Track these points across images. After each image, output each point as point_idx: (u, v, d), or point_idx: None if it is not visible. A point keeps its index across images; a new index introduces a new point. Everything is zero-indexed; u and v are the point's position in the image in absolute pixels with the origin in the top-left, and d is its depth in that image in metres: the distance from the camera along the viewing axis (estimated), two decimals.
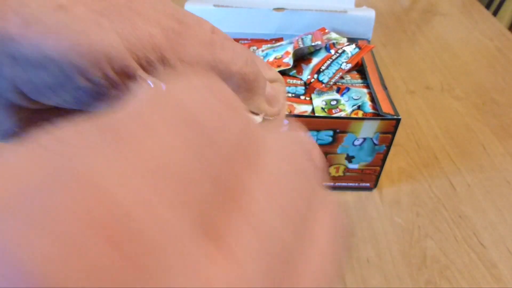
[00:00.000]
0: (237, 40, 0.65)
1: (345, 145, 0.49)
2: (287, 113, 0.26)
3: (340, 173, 0.53)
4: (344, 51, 0.55)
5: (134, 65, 0.18)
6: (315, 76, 0.54)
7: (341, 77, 0.55)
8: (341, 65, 0.54)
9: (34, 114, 0.19)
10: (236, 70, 0.20)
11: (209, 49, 0.19)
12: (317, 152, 0.15)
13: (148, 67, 0.18)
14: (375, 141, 0.49)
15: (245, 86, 0.21)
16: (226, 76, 0.20)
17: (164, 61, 0.18)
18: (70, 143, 0.09)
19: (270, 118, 0.22)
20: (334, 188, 0.54)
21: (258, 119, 0.22)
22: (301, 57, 0.58)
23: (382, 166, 0.52)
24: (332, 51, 0.56)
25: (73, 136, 0.09)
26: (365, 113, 0.50)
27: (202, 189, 0.09)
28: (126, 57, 0.17)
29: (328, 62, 0.55)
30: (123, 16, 0.17)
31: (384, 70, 0.76)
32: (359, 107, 0.51)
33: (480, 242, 0.49)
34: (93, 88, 0.17)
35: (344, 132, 0.48)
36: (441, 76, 0.76)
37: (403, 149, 0.61)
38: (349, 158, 0.51)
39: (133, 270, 0.08)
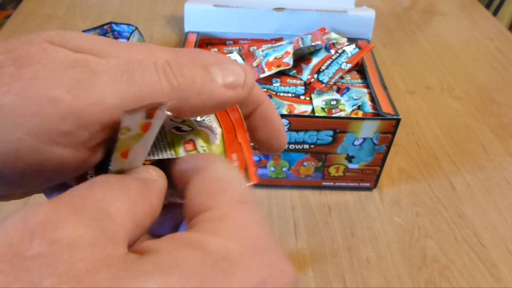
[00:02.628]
0: (237, 40, 0.66)
1: (345, 145, 0.49)
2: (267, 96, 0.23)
3: (340, 173, 0.53)
4: (344, 51, 0.55)
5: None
6: (315, 76, 0.54)
7: (341, 77, 0.55)
8: (341, 65, 0.54)
9: None
10: (169, 87, 0.17)
11: (129, 79, 0.16)
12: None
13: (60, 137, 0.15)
14: (375, 141, 0.49)
15: (196, 92, 0.17)
16: (163, 102, 0.17)
17: (85, 127, 0.16)
18: None
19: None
20: (334, 188, 0.54)
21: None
22: (301, 57, 0.58)
23: (382, 166, 0.52)
24: (332, 51, 0.56)
25: None
26: (365, 113, 0.50)
27: None
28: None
29: (328, 62, 0.55)
30: (21, 81, 0.15)
31: (384, 70, 0.76)
32: (359, 107, 0.51)
33: (480, 242, 0.49)
34: None
35: (344, 132, 0.48)
36: (441, 76, 0.76)
37: (403, 149, 0.61)
38: (349, 158, 0.51)
39: None
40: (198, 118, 0.21)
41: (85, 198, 0.14)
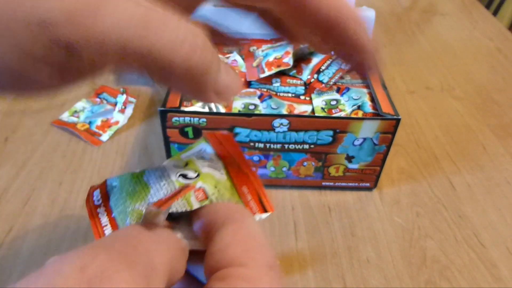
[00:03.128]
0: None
1: (345, 145, 0.49)
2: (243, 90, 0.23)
3: (340, 173, 0.53)
4: None
5: None
6: (315, 76, 0.54)
7: (341, 77, 0.55)
8: (341, 65, 0.54)
9: None
10: (179, 60, 0.14)
11: (135, 30, 0.13)
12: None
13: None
14: (375, 141, 0.49)
15: (190, 82, 0.16)
16: (163, 70, 0.14)
17: (59, 44, 0.13)
18: None
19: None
20: (334, 188, 0.54)
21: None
22: (301, 57, 0.58)
23: (382, 166, 0.52)
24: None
25: None
26: (365, 113, 0.50)
27: None
28: None
29: (328, 62, 0.55)
30: None
31: (384, 70, 0.76)
32: (359, 107, 0.51)
33: (480, 242, 0.49)
34: None
35: (344, 132, 0.48)
36: (441, 76, 0.76)
37: (403, 149, 0.61)
38: (349, 158, 0.51)
39: None
40: (195, 150, 0.22)
41: (137, 248, 0.15)
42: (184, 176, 0.20)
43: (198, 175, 0.21)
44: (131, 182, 0.21)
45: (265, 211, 0.21)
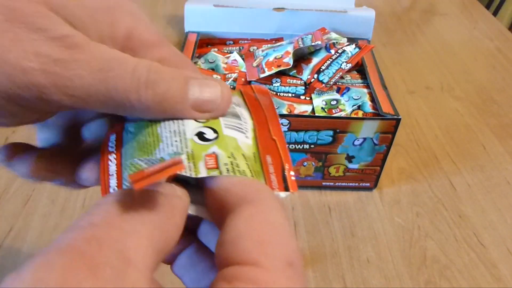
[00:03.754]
0: (237, 40, 0.65)
1: (345, 145, 0.49)
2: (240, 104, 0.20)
3: (340, 173, 0.53)
4: (344, 51, 0.55)
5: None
6: (315, 76, 0.54)
7: (341, 77, 0.55)
8: (341, 65, 0.54)
9: None
10: (136, 99, 0.16)
11: (102, 78, 0.16)
12: None
13: (24, 109, 0.15)
14: (375, 141, 0.49)
15: (161, 110, 0.17)
16: (127, 108, 0.16)
17: (43, 100, 0.15)
18: None
19: (202, 121, 0.18)
20: (334, 188, 0.54)
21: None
22: (301, 57, 0.58)
23: (382, 166, 0.52)
24: (332, 51, 0.56)
25: None
26: (365, 113, 0.50)
27: None
28: None
29: (328, 62, 0.55)
30: None
31: (384, 70, 0.76)
32: (359, 107, 0.51)
33: (480, 242, 0.49)
34: None
35: (344, 132, 0.48)
36: (441, 76, 0.76)
37: (403, 149, 0.61)
38: (349, 158, 0.51)
39: None
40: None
41: (103, 243, 0.13)
42: (201, 135, 0.18)
43: (217, 137, 0.18)
44: (144, 131, 0.18)
45: (287, 189, 0.17)
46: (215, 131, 0.18)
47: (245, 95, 0.19)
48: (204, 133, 0.18)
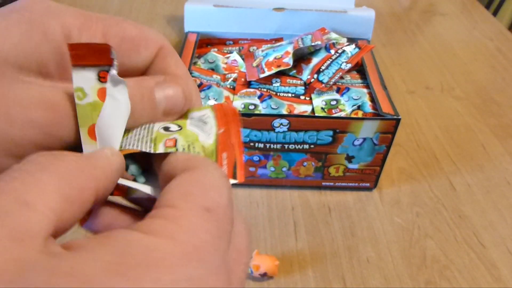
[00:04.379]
0: (237, 40, 0.65)
1: (345, 145, 0.49)
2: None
3: (340, 173, 0.53)
4: (344, 51, 0.55)
5: None
6: (315, 76, 0.54)
7: (341, 77, 0.55)
8: (341, 65, 0.54)
9: None
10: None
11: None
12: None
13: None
14: (375, 141, 0.49)
15: (136, 124, 0.19)
16: None
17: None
18: None
19: (172, 126, 0.19)
20: (334, 188, 0.54)
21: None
22: (301, 57, 0.58)
23: (382, 166, 0.52)
24: (332, 51, 0.56)
25: None
26: (365, 113, 0.50)
27: None
28: None
29: (328, 62, 0.55)
30: None
31: (384, 70, 0.76)
32: (359, 107, 0.51)
33: (480, 242, 0.49)
34: None
35: (344, 132, 0.48)
36: (441, 76, 0.76)
37: (403, 149, 0.61)
38: (349, 158, 0.51)
39: None
40: (196, 114, 0.21)
41: (1, 191, 0.13)
42: (166, 128, 0.19)
43: (180, 129, 0.19)
44: None
45: (234, 178, 0.19)
46: (180, 126, 0.20)
47: (217, 111, 0.22)
48: (169, 127, 0.20)
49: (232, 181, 0.19)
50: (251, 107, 0.51)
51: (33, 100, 0.16)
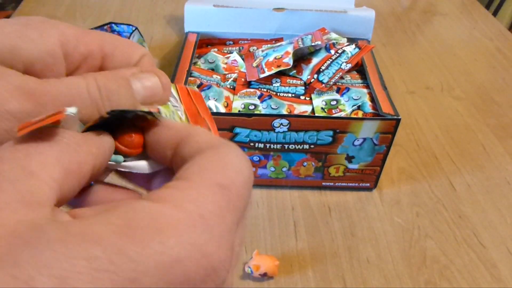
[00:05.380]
0: (237, 40, 0.66)
1: (345, 145, 0.49)
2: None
3: (340, 173, 0.53)
4: (344, 51, 0.55)
5: None
6: (315, 76, 0.54)
7: (341, 77, 0.55)
8: (341, 65, 0.54)
9: None
10: (98, 115, 0.18)
11: None
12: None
13: None
14: (375, 141, 0.49)
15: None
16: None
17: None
18: None
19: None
20: (334, 188, 0.54)
21: None
22: (301, 57, 0.58)
23: (382, 166, 0.52)
24: (332, 51, 0.56)
25: None
26: (365, 113, 0.50)
27: None
28: None
29: (328, 62, 0.55)
30: None
31: (384, 70, 0.76)
32: (359, 107, 0.51)
33: (480, 242, 0.49)
34: None
35: (344, 132, 0.48)
36: (441, 76, 0.76)
37: (403, 149, 0.61)
38: (349, 158, 0.51)
39: None
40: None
41: (6, 160, 0.14)
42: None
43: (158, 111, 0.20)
44: None
45: None
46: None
47: (180, 90, 0.23)
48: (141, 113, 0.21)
49: None
50: (251, 107, 0.51)
51: (9, 88, 0.17)
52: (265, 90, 0.54)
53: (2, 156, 0.14)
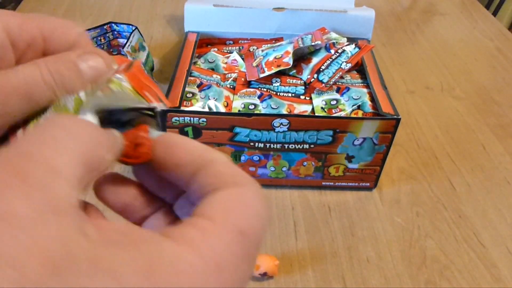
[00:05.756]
0: (237, 40, 0.65)
1: (345, 145, 0.49)
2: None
3: (340, 173, 0.53)
4: (344, 51, 0.55)
5: None
6: (315, 76, 0.54)
7: (341, 77, 0.55)
8: (341, 64, 0.54)
9: None
10: (54, 98, 0.20)
11: (27, 101, 0.19)
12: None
13: None
14: (375, 141, 0.49)
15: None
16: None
17: None
18: None
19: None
20: (334, 188, 0.54)
21: None
22: (301, 57, 0.58)
23: (382, 166, 0.52)
24: (332, 51, 0.56)
25: None
26: (365, 113, 0.50)
27: None
28: None
29: (328, 62, 0.55)
30: None
31: (384, 70, 0.76)
32: (359, 107, 0.51)
33: (480, 242, 0.49)
34: None
35: (344, 132, 0.48)
36: (441, 76, 0.76)
37: (403, 149, 0.61)
38: (349, 158, 0.51)
39: None
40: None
41: (32, 157, 0.14)
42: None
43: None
44: None
45: (161, 102, 0.22)
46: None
47: (117, 59, 0.24)
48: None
49: (162, 106, 0.22)
50: (251, 107, 0.51)
51: None
52: (265, 89, 0.54)
53: (30, 151, 0.14)
